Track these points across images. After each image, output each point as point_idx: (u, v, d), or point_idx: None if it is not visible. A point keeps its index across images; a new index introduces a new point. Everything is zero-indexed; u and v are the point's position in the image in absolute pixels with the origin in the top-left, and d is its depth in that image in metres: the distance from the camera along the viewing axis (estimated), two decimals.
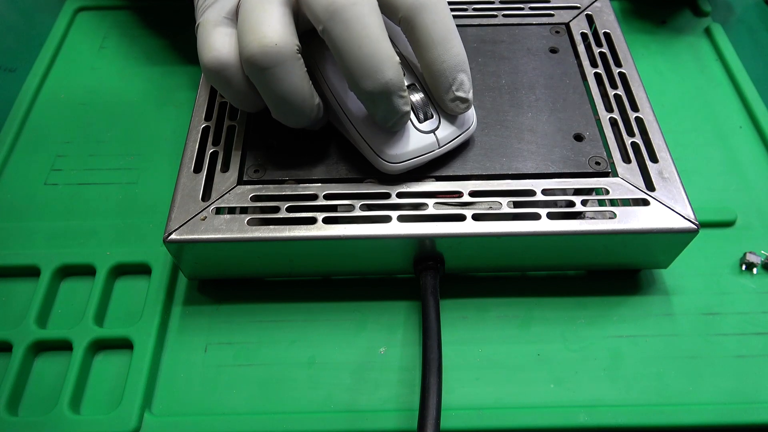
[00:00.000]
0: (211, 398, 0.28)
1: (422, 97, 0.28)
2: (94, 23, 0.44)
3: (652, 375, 0.28)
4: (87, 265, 0.31)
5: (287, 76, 0.25)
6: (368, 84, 0.25)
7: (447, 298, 0.30)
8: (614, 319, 0.30)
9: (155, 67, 0.41)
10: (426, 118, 0.28)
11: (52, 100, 0.39)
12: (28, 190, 0.35)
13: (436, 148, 0.28)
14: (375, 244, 0.28)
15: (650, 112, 0.31)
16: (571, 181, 0.29)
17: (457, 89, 0.27)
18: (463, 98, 0.27)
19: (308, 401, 0.28)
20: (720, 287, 0.31)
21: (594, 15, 0.36)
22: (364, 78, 0.24)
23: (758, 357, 0.29)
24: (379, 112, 0.26)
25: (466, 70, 0.27)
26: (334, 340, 0.29)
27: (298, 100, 0.26)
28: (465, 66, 0.27)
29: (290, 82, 0.25)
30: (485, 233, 0.27)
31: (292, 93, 0.26)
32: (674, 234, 0.27)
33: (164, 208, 0.28)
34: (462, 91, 0.27)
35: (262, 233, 0.27)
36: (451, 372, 0.28)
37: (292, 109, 0.26)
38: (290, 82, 0.25)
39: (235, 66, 0.26)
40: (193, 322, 0.30)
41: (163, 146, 0.36)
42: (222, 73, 0.26)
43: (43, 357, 0.29)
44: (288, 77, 0.25)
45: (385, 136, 0.27)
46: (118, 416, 0.27)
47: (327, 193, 0.28)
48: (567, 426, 0.27)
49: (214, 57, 0.26)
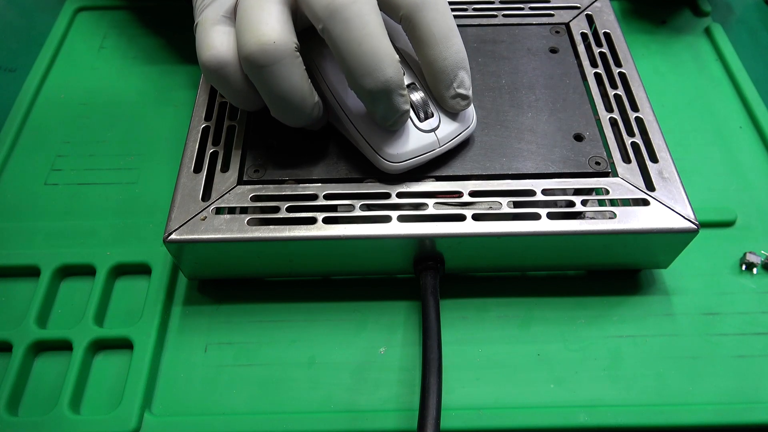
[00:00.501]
0: (211, 398, 0.28)
1: (422, 96, 0.28)
2: (94, 23, 0.44)
3: (652, 375, 0.28)
4: (87, 265, 0.31)
5: (286, 74, 0.25)
6: (368, 82, 0.25)
7: (447, 298, 0.30)
8: (614, 319, 0.30)
9: (155, 67, 0.41)
10: (426, 117, 0.28)
11: (52, 100, 0.39)
12: (28, 190, 0.35)
13: (436, 147, 0.28)
14: (375, 244, 0.28)
15: (650, 112, 0.31)
16: (571, 181, 0.29)
17: (458, 86, 0.27)
18: (463, 95, 0.27)
19: (308, 401, 0.28)
20: (720, 287, 0.31)
21: (594, 15, 0.36)
22: (364, 76, 0.24)
23: (758, 357, 0.29)
24: (378, 110, 0.26)
25: (466, 67, 0.27)
26: (334, 340, 0.29)
27: (297, 99, 0.26)
28: (465, 63, 0.27)
29: (289, 80, 0.25)
30: (485, 233, 0.27)
31: (290, 91, 0.26)
32: (674, 234, 0.27)
33: (164, 208, 0.28)
34: (463, 88, 0.27)
35: (262, 233, 0.27)
36: (451, 372, 0.28)
37: (291, 108, 0.26)
38: (289, 80, 0.25)
39: (233, 64, 0.26)
40: (193, 322, 0.30)
41: (163, 146, 0.36)
42: (220, 71, 0.26)
43: (43, 357, 0.29)
44: (286, 75, 0.25)
45: (385, 136, 0.27)
46: (118, 416, 0.27)
47: (327, 193, 0.28)
48: (567, 426, 0.27)
49: (213, 56, 0.26)
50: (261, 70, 0.25)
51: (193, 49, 0.27)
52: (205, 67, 0.26)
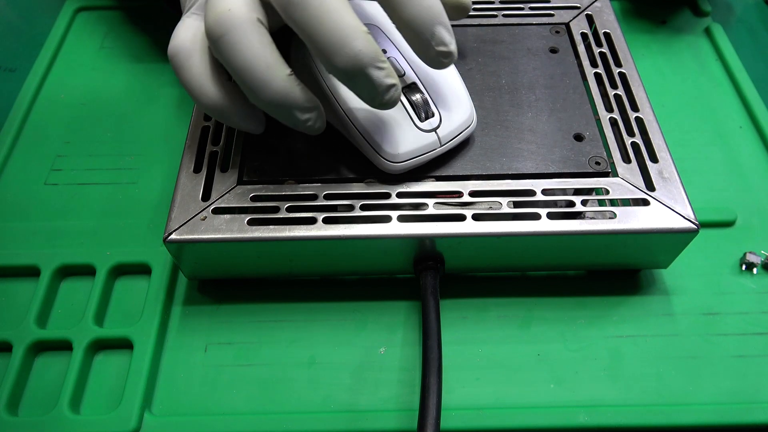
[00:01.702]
0: (211, 398, 0.28)
1: (422, 96, 0.28)
2: (94, 23, 0.44)
3: (652, 375, 0.28)
4: (87, 265, 0.31)
5: (244, 41, 0.24)
6: (339, 60, 0.23)
7: (447, 298, 0.30)
8: (614, 319, 0.30)
9: (155, 67, 0.41)
10: (427, 117, 0.28)
11: (52, 100, 0.39)
12: (28, 190, 0.35)
13: (437, 146, 0.28)
14: (375, 244, 0.28)
15: (650, 112, 0.31)
16: (571, 181, 0.29)
17: (438, 44, 0.25)
18: (444, 52, 0.26)
19: (308, 401, 0.28)
20: (720, 287, 0.31)
21: (594, 15, 0.36)
22: (333, 55, 0.23)
23: (758, 357, 0.29)
24: (361, 90, 0.25)
25: (443, 21, 0.25)
26: (334, 340, 0.29)
27: (262, 67, 0.24)
28: (441, 17, 0.25)
29: (248, 47, 0.24)
30: (485, 233, 0.27)
31: (252, 60, 0.24)
32: (674, 234, 0.27)
33: (164, 208, 0.28)
34: (443, 45, 0.25)
35: (262, 233, 0.27)
36: (451, 372, 0.28)
37: (258, 81, 0.25)
38: (248, 48, 0.24)
39: (185, 50, 0.26)
40: (193, 322, 0.30)
41: (163, 146, 0.36)
42: (173, 59, 0.26)
43: (43, 357, 0.29)
44: (245, 42, 0.24)
45: (385, 136, 0.27)
46: (118, 416, 0.27)
47: (327, 193, 0.28)
48: (567, 426, 0.27)
49: (171, 46, 0.26)
50: (219, 41, 0.24)
51: None
52: (169, 57, 0.26)
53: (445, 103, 0.29)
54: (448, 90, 0.29)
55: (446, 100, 0.29)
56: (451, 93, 0.29)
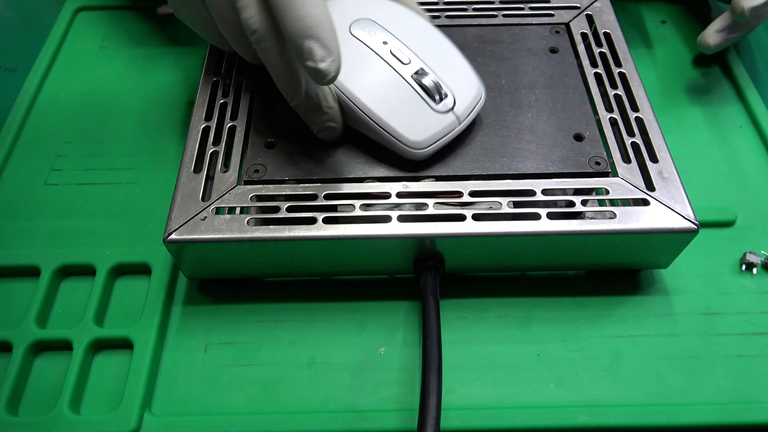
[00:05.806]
0: (211, 398, 0.28)
1: (434, 79, 0.28)
2: (94, 23, 0.44)
3: (652, 375, 0.28)
4: (87, 265, 0.31)
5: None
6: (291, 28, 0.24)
7: (447, 298, 0.30)
8: (614, 319, 0.30)
9: (155, 67, 0.41)
10: (441, 99, 0.28)
11: (52, 100, 0.39)
12: (28, 190, 0.35)
13: (456, 125, 0.29)
14: (375, 244, 0.28)
15: (650, 112, 0.31)
16: (571, 181, 0.29)
17: (307, 59, 0.24)
18: (311, 68, 0.24)
19: (308, 401, 0.28)
20: (720, 287, 0.31)
21: (594, 15, 0.36)
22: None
23: (758, 357, 0.29)
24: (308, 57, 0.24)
25: (317, 35, 0.23)
26: (334, 340, 0.29)
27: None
28: (313, 31, 0.23)
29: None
30: (485, 233, 0.27)
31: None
32: (674, 234, 0.27)
33: (164, 208, 0.28)
34: (312, 60, 0.24)
35: (262, 233, 0.27)
36: (451, 372, 0.28)
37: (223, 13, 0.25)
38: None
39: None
40: (193, 322, 0.30)
41: (163, 146, 0.36)
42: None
43: (43, 357, 0.29)
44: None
45: (406, 126, 0.28)
46: (118, 416, 0.27)
47: (327, 193, 0.28)
48: (567, 426, 0.27)
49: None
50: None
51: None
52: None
53: (454, 82, 0.29)
54: (453, 67, 0.30)
55: (454, 78, 0.29)
56: (456, 70, 0.30)
